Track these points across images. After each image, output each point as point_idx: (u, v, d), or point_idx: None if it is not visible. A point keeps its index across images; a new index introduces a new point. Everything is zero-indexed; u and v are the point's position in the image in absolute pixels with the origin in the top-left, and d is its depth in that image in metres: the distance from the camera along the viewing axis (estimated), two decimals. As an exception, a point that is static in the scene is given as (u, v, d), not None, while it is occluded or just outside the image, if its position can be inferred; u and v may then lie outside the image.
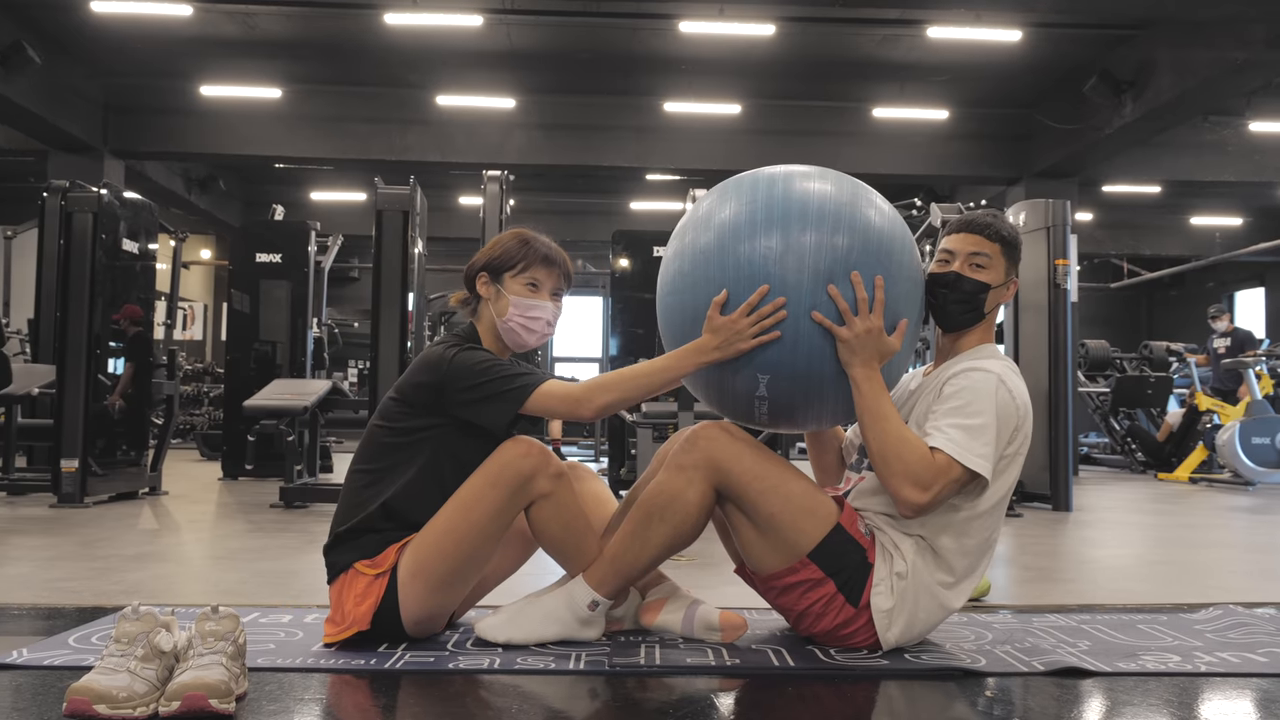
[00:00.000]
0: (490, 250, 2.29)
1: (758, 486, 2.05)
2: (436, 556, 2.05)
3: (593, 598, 2.10)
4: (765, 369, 2.05)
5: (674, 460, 2.09)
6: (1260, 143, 12.31)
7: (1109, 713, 1.81)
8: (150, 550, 3.82)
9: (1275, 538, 4.78)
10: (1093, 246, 16.80)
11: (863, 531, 2.10)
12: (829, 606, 2.07)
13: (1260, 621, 2.46)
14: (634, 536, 2.08)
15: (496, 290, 2.25)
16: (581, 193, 16.25)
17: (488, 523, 2.05)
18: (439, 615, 2.13)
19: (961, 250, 2.19)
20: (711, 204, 2.16)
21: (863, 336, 2.01)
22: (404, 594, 2.05)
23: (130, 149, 11.99)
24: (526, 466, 2.05)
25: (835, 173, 2.19)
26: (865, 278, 2.02)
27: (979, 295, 2.17)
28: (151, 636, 1.70)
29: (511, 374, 2.10)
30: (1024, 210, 6.16)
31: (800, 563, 2.06)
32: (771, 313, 2.00)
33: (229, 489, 6.56)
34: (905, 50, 10.70)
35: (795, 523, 2.05)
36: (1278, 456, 7.89)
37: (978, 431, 2.00)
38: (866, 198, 2.13)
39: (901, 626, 2.07)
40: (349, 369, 18.18)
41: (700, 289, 2.08)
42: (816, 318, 2.01)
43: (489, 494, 2.05)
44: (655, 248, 7.40)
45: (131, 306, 5.83)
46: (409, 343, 5.41)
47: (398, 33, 10.10)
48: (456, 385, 2.09)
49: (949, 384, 2.09)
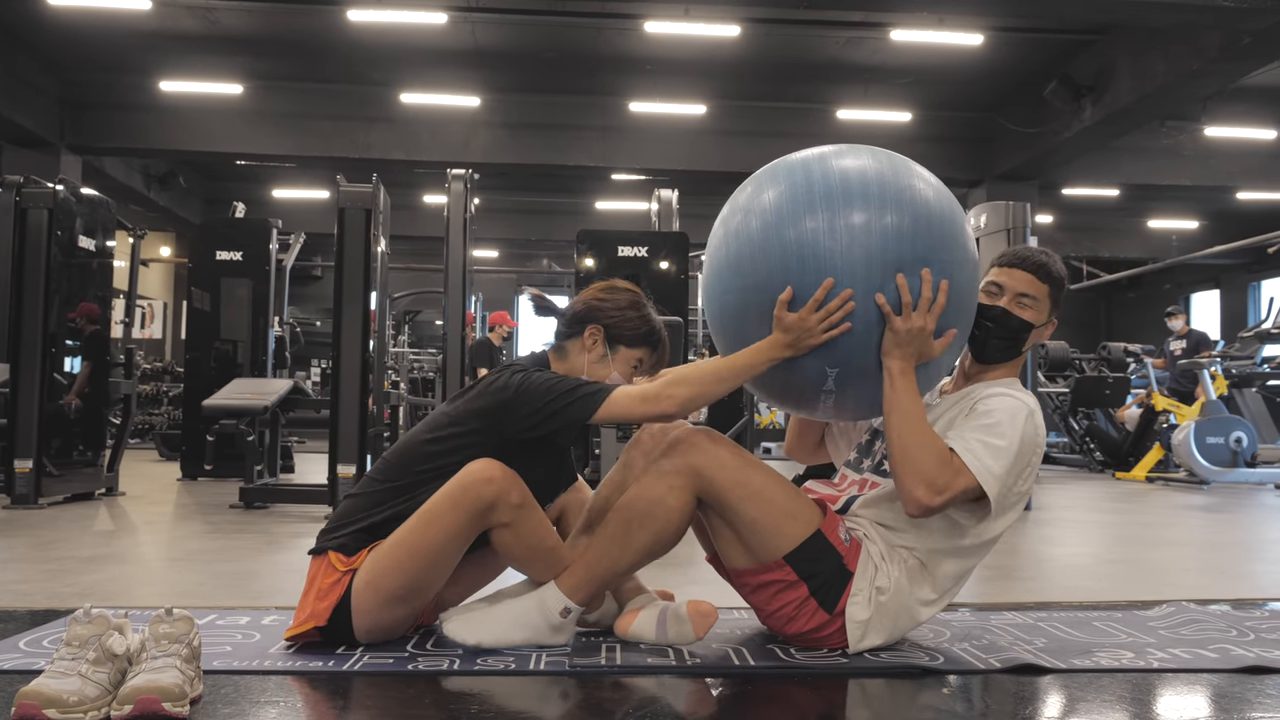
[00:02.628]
0: (617, 309, 2.25)
1: (740, 493, 2.03)
2: (391, 569, 2.01)
3: (565, 604, 2.07)
4: (835, 362, 2.03)
5: (655, 466, 2.07)
6: (1215, 147, 12.53)
7: (1064, 709, 1.83)
8: (105, 552, 3.76)
9: (1228, 536, 4.86)
10: (1053, 248, 16.80)
11: (842, 538, 2.08)
12: (800, 610, 2.07)
13: (1212, 618, 2.50)
14: (613, 543, 2.05)
15: (604, 353, 2.24)
16: (547, 192, 16.22)
17: (444, 543, 2.01)
18: (390, 628, 2.09)
19: (1011, 287, 2.17)
20: (778, 196, 2.08)
21: (915, 332, 1.99)
22: (356, 601, 2.03)
23: (88, 144, 11.82)
24: (488, 494, 1.98)
25: (883, 151, 2.15)
26: (935, 275, 2.00)
27: (1022, 334, 2.17)
28: (104, 639, 1.67)
29: (580, 384, 2.08)
30: (985, 212, 6.22)
31: (775, 564, 2.05)
32: (839, 306, 1.98)
33: (188, 489, 6.48)
34: (869, 53, 10.79)
35: (777, 527, 2.04)
36: (1231, 456, 8.03)
37: (1000, 453, 2.00)
38: (910, 170, 2.11)
39: (876, 640, 2.08)
40: (311, 368, 18.04)
41: (762, 284, 2.03)
42: (879, 301, 1.98)
43: (448, 515, 2.00)
44: (620, 247, 7.41)
45: (88, 304, 5.75)
46: (371, 342, 5.37)
47: (361, 29, 10.03)
48: (526, 404, 2.06)
49: (983, 403, 2.09)
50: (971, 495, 2.01)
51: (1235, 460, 8.04)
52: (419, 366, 13.35)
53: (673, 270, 7.45)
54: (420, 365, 13.45)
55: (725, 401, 10.06)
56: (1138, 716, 1.79)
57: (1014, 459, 2.02)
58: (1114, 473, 9.16)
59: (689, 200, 9.11)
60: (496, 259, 19.23)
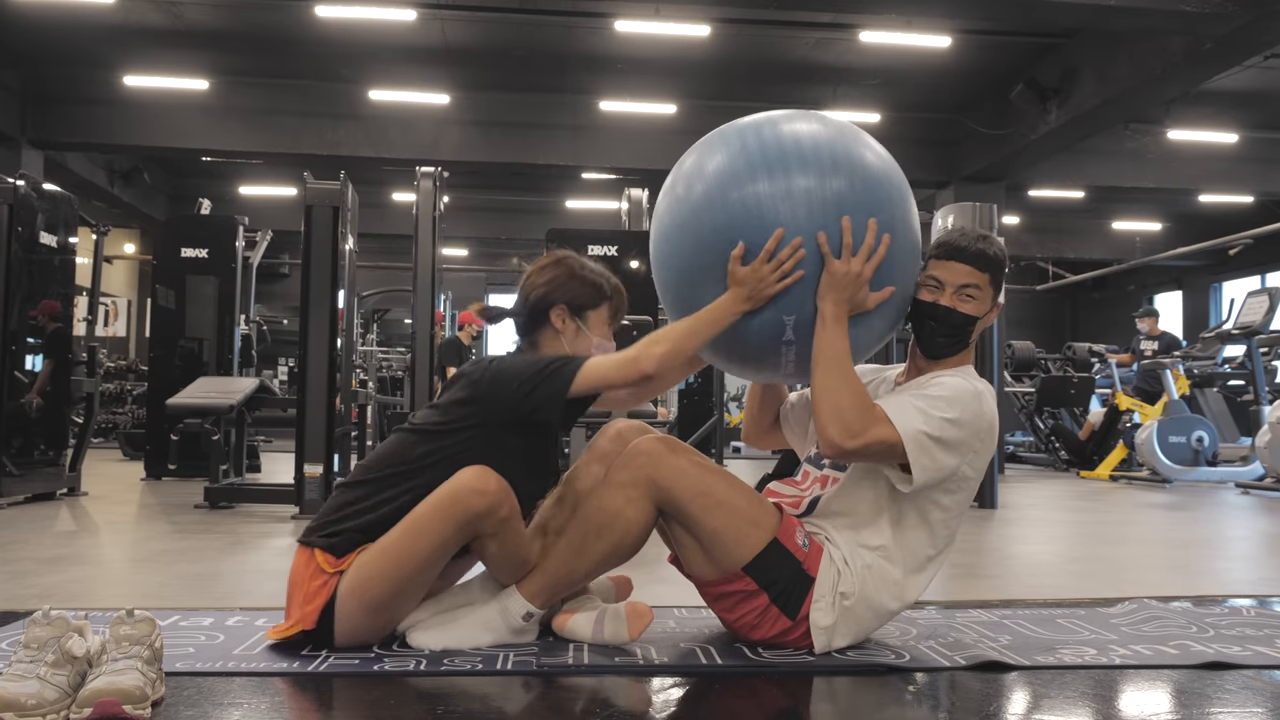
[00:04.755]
0: (565, 282, 2.26)
1: (701, 503, 2.03)
2: (377, 577, 2.01)
3: (527, 609, 2.10)
4: (791, 309, 2.05)
5: (613, 477, 2.07)
6: (1178, 150, 12.70)
7: (1028, 705, 1.85)
8: (66, 553, 3.71)
9: (1189, 534, 4.93)
10: (1019, 249, 17.18)
11: (800, 543, 2.08)
12: (763, 618, 2.07)
13: (1173, 615, 2.53)
14: (572, 552, 2.07)
15: (577, 327, 2.25)
16: (516, 190, 16.16)
17: (430, 552, 2.02)
18: (370, 634, 2.07)
19: (951, 281, 2.14)
20: (699, 155, 2.15)
21: (852, 276, 2.00)
22: (340, 607, 2.01)
23: (50, 139, 11.64)
24: (480, 506, 1.98)
25: (823, 114, 2.18)
26: (880, 227, 2.03)
27: (967, 328, 2.15)
28: (63, 641, 1.65)
29: (554, 359, 2.12)
30: (952, 213, 6.27)
31: (735, 574, 2.05)
32: (790, 255, 2.00)
33: (152, 489, 6.40)
34: (838, 54, 10.84)
35: (738, 537, 2.04)
36: (1193, 455, 8.15)
37: (931, 420, 2.00)
38: (858, 137, 2.15)
39: (842, 642, 2.09)
40: (278, 367, 17.89)
41: (710, 244, 2.06)
42: (820, 240, 2.00)
43: (436, 524, 2.00)
44: (590, 246, 7.39)
45: (49, 302, 5.66)
46: (339, 340, 5.33)
47: (329, 25, 9.94)
48: (506, 386, 2.09)
49: (933, 381, 2.10)
50: (893, 448, 1.99)
51: (1197, 459, 8.16)
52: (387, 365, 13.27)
53: (643, 269, 7.45)
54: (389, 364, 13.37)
55: (695, 401, 10.09)
56: (1100, 713, 1.81)
57: (947, 429, 2.01)
58: (1078, 471, 9.27)
59: (659, 199, 9.09)
60: (466, 257, 19.14)
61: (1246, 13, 7.65)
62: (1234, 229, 10.66)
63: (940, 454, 2.01)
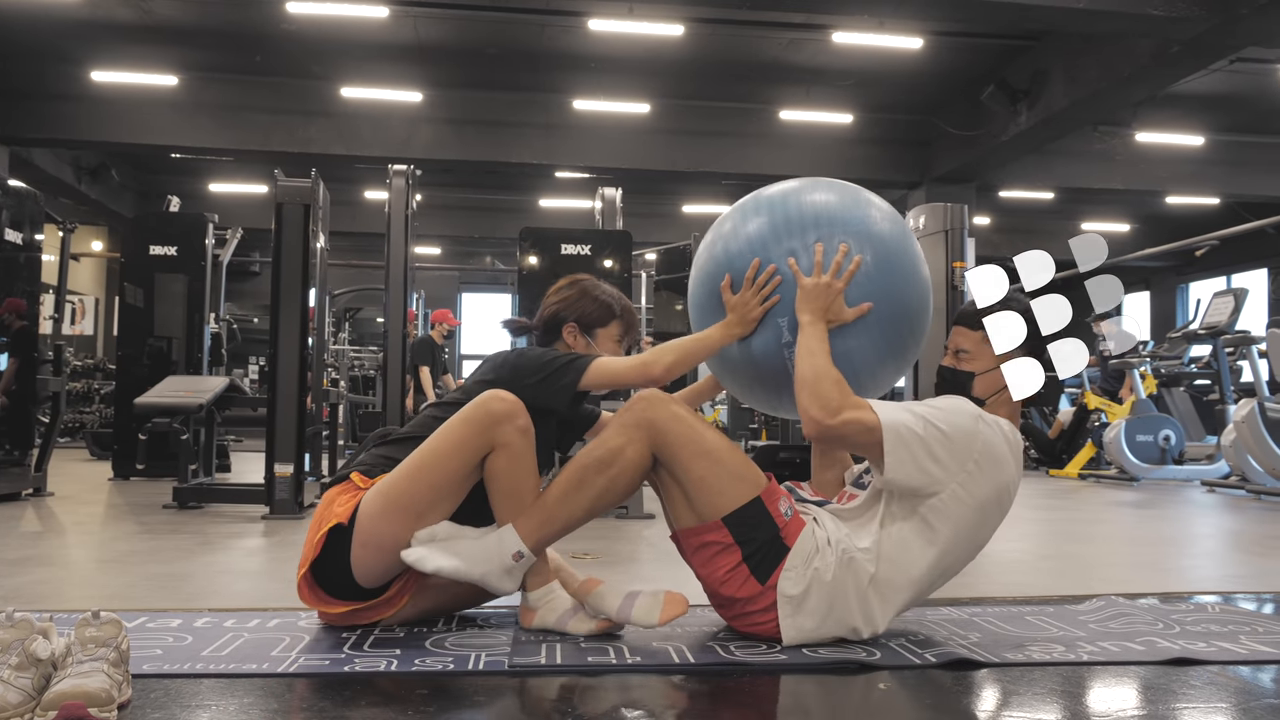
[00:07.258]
0: (576, 302, 2.51)
1: (691, 450, 2.13)
2: (400, 477, 2.16)
3: (519, 548, 2.14)
4: (784, 311, 2.26)
5: (616, 419, 2.19)
6: (1146, 152, 12.85)
7: (998, 702, 1.86)
8: (32, 554, 3.66)
9: (1156, 531, 4.99)
10: (989, 250, 17.29)
11: (782, 511, 2.15)
12: (733, 574, 2.12)
13: (1140, 611, 2.56)
14: (569, 486, 2.16)
15: (587, 344, 2.50)
16: (490, 189, 16.11)
17: (451, 453, 2.14)
18: (384, 549, 2.13)
19: (953, 344, 2.38)
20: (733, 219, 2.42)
21: (821, 287, 2.19)
22: (364, 505, 2.14)
23: (15, 135, 11.49)
24: (499, 409, 2.13)
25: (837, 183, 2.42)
26: (852, 250, 2.23)
27: (968, 385, 2.33)
28: (27, 644, 1.62)
29: (570, 355, 2.35)
30: (924, 214, 6.32)
31: (714, 524, 2.12)
32: (767, 280, 2.25)
33: (120, 489, 6.34)
34: (811, 54, 10.88)
35: (721, 487, 2.13)
36: (1160, 453, 8.25)
37: (920, 422, 2.10)
38: (868, 200, 2.37)
39: (808, 622, 2.10)
40: (249, 365, 17.74)
41: (713, 278, 2.37)
42: (790, 264, 2.24)
43: (458, 428, 2.15)
44: (564, 245, 7.37)
45: (14, 299, 5.59)
46: (310, 339, 5.29)
47: (301, 21, 9.87)
48: (526, 367, 2.31)
49: (942, 398, 2.28)
50: (868, 432, 2.09)
51: (1164, 458, 8.26)
52: (359, 364, 13.20)
53: (616, 268, 7.44)
54: (361, 363, 13.29)
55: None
56: (1069, 709, 1.83)
57: (932, 431, 2.10)
58: (1048, 470, 9.36)
59: (633, 199, 9.12)
60: (439, 256, 19.06)
61: (1213, 17, 7.76)
62: (1200, 230, 10.79)
63: (919, 453, 2.09)
